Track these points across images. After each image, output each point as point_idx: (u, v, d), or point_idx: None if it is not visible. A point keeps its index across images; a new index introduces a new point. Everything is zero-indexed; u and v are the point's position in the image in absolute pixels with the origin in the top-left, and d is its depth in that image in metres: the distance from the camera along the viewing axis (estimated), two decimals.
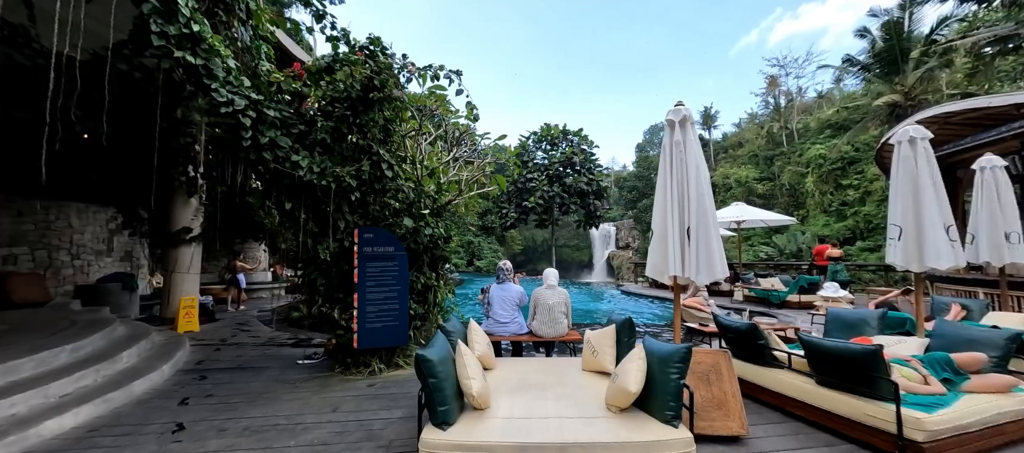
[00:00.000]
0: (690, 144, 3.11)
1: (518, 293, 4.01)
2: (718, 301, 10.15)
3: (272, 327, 7.06)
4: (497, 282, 4.08)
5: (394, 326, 4.29)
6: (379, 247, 4.29)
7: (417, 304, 4.61)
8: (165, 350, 4.73)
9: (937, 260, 3.53)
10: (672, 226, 3.04)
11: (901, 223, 3.78)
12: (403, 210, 4.37)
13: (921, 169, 3.72)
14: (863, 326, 3.83)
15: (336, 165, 3.74)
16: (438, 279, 4.91)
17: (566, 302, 3.86)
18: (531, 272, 30.47)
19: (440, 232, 4.50)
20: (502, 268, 4.09)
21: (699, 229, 2.98)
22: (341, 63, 3.45)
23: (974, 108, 6.85)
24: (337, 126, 3.65)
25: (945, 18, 15.76)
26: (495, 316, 3.95)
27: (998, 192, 4.86)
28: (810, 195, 25.81)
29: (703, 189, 3.04)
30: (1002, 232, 4.78)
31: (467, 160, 5.82)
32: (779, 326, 4.41)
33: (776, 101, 37.81)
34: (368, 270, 4.24)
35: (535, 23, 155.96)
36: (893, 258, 3.81)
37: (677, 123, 3.16)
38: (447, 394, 2.26)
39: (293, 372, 4.30)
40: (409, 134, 4.74)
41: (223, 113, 2.93)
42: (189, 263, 6.92)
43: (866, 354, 2.58)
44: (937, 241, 3.54)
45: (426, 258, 4.71)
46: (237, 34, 3.68)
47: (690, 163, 3.08)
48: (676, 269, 2.97)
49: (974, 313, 4.97)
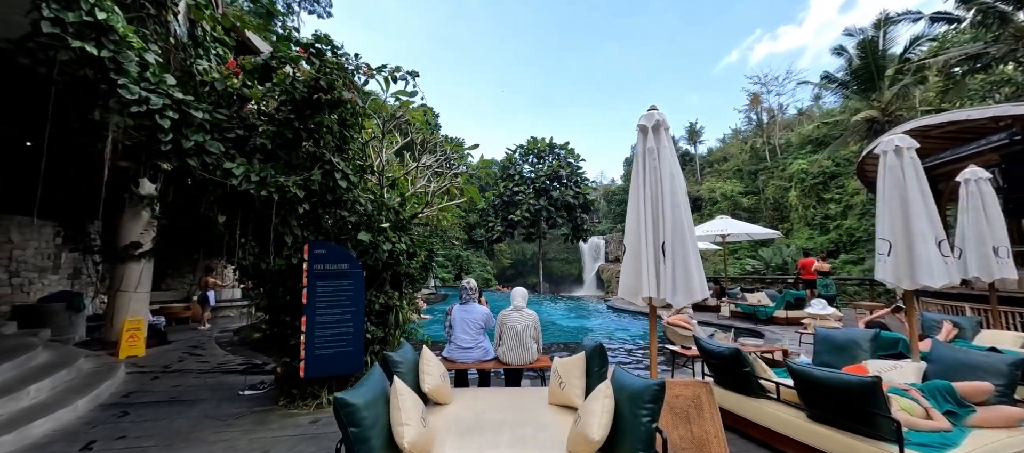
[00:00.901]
0: (664, 151, 2.84)
1: (483, 315, 3.63)
2: (704, 318, 9.89)
3: (228, 350, 6.52)
4: (460, 302, 3.71)
5: (347, 352, 3.87)
6: (332, 264, 3.90)
7: (376, 326, 4.20)
8: (89, 381, 4.20)
9: (930, 277, 3.28)
10: (645, 242, 2.73)
11: (890, 238, 3.55)
12: (360, 224, 3.99)
13: (909, 180, 3.51)
14: (854, 348, 3.55)
15: (280, 173, 3.37)
16: (401, 299, 4.52)
17: (536, 325, 3.49)
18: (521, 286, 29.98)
19: (401, 248, 4.12)
20: (465, 287, 3.72)
21: (675, 245, 2.68)
22: (279, 60, 3.12)
23: (952, 121, 6.82)
24: (280, 131, 3.29)
25: (918, 37, 16.26)
26: (457, 341, 3.56)
27: (984, 205, 4.71)
28: (794, 209, 26.19)
29: (679, 200, 2.75)
30: (990, 246, 4.61)
31: (437, 170, 5.50)
32: (766, 348, 4.12)
33: (759, 117, 38.67)
34: (319, 290, 3.83)
35: (524, 39, 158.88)
36: (883, 275, 3.56)
37: (650, 129, 2.89)
38: (374, 444, 1.87)
39: (231, 405, 3.83)
40: (370, 141, 4.41)
41: (135, 113, 2.56)
42: (137, 281, 6.37)
43: (863, 387, 2.28)
44: (929, 256, 3.30)
45: (387, 276, 4.32)
46: (172, 29, 3.33)
47: (664, 172, 2.79)
48: (650, 290, 2.65)
49: (966, 331, 4.76)
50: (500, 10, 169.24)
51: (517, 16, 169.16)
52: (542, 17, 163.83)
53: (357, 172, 4.23)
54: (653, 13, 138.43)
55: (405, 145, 4.92)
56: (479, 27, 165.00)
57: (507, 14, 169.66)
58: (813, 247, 19.40)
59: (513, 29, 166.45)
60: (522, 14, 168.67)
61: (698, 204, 34.50)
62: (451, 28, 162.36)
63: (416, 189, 5.00)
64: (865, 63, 17.38)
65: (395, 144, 4.92)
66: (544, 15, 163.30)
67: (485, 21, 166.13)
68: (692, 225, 2.85)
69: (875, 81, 17.48)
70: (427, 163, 5.09)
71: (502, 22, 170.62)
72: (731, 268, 26.63)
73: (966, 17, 13.90)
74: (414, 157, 4.91)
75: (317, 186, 3.64)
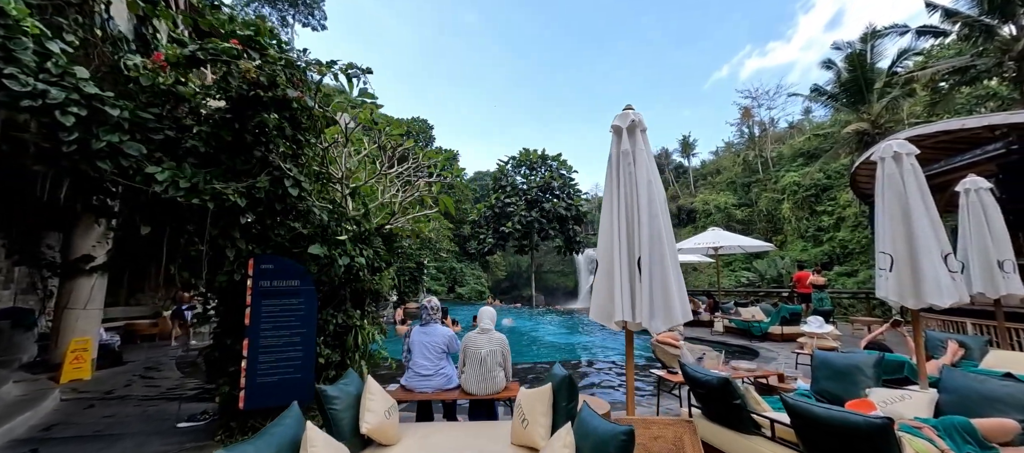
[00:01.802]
0: (640, 155, 2.53)
1: (445, 337, 3.25)
2: (697, 333, 9.52)
3: (186, 372, 6.04)
4: (420, 323, 3.33)
5: (294, 379, 3.46)
6: (281, 281, 3.52)
7: (331, 349, 3.80)
8: (8, 411, 3.74)
9: (938, 295, 2.97)
10: (619, 257, 2.40)
11: (891, 251, 3.24)
12: (315, 236, 3.63)
13: (910, 188, 3.22)
14: (856, 375, 3.21)
15: (218, 179, 3.01)
16: (363, 318, 4.13)
17: (504, 350, 3.12)
18: (516, 299, 29.34)
19: (362, 262, 3.76)
20: (426, 305, 3.34)
21: (652, 260, 2.34)
22: (208, 52, 2.79)
23: (946, 130, 6.63)
24: (216, 132, 2.95)
25: (905, 51, 16.37)
26: (415, 367, 3.17)
27: (986, 216, 4.44)
28: (787, 221, 26.17)
29: (657, 210, 2.43)
30: (995, 259, 4.33)
31: (408, 179, 5.16)
32: (760, 372, 3.76)
33: (750, 130, 39.01)
34: (265, 309, 3.45)
35: (519, 55, 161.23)
36: (885, 292, 3.23)
37: (624, 130, 2.59)
38: None
39: (160, 441, 3.39)
40: (331, 145, 4.07)
41: (28, 107, 2.21)
42: (87, 297, 5.92)
43: (871, 429, 1.93)
44: (936, 272, 2.99)
45: (346, 293, 3.94)
46: (100, 21, 3.01)
47: (640, 178, 2.47)
48: (624, 312, 2.30)
49: (973, 352, 4.44)
50: (497, 28, 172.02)
51: (513, 34, 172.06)
52: (536, 34, 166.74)
53: (314, 179, 3.89)
54: (644, 30, 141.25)
55: (373, 152, 4.59)
56: (475, 43, 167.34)
57: (503, 32, 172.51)
58: (807, 259, 19.21)
59: (509, 46, 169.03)
60: (517, 32, 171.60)
61: (692, 216, 34.44)
62: (447, 44, 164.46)
63: (385, 199, 4.65)
64: (853, 76, 17.46)
65: (362, 150, 4.59)
66: (538, 33, 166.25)
67: (481, 37, 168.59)
68: (672, 238, 2.52)
69: (864, 94, 17.55)
70: (397, 171, 4.75)
71: (498, 39, 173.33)
72: (726, 280, 26.44)
73: (952, 31, 14.00)
74: (384, 164, 4.57)
75: (263, 194, 3.28)
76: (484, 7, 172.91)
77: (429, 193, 5.12)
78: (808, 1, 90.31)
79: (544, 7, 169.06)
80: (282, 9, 37.61)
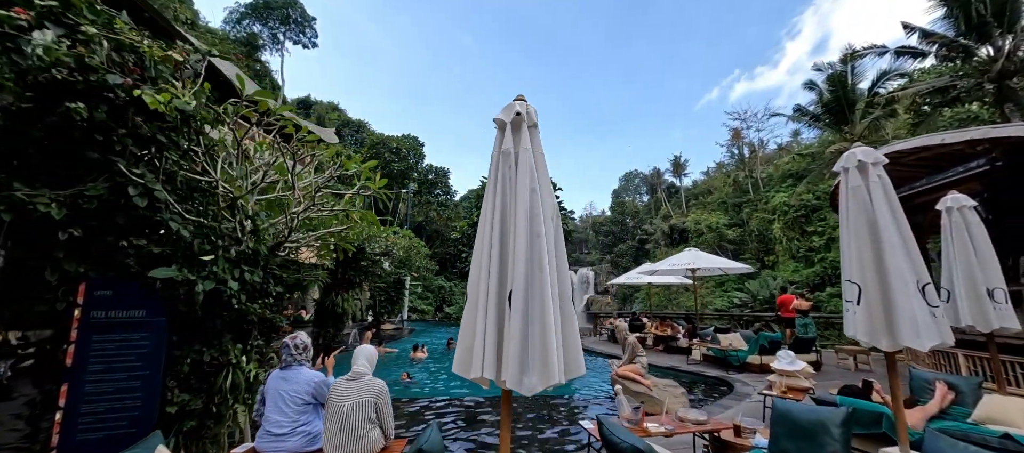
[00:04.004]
0: (525, 157, 1.96)
1: (310, 384, 2.60)
2: (673, 362, 8.84)
3: None
4: (280, 366, 2.67)
5: (127, 435, 2.77)
6: (121, 311, 2.87)
7: (192, 394, 3.12)
8: None
9: (915, 335, 2.39)
10: (485, 289, 1.80)
11: (859, 280, 2.68)
12: (174, 256, 3.01)
13: (878, 203, 2.68)
14: (821, 435, 2.58)
15: (21, 183, 2.41)
16: (245, 353, 3.46)
17: (379, 400, 2.46)
18: None
19: (233, 287, 3.12)
20: (288, 344, 2.67)
21: (530, 295, 1.74)
22: None
23: (926, 146, 6.20)
24: (13, 127, 2.37)
25: (885, 72, 16.34)
26: (267, 423, 2.50)
27: (971, 238, 3.92)
28: (778, 241, 25.86)
29: (541, 227, 1.85)
30: (983, 287, 3.78)
31: (335, 191, 4.58)
32: (710, 426, 3.11)
33: (740, 151, 39.21)
34: (95, 347, 2.79)
35: (513, 75, 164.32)
36: (853, 329, 2.66)
37: (509, 124, 2.03)
38: None
39: None
40: (212, 147, 3.50)
41: None
42: None
43: None
44: (912, 307, 2.42)
45: (218, 323, 3.28)
46: None
47: (521, 185, 1.90)
48: (485, 366, 1.69)
49: (965, 395, 3.84)
50: (492, 51, 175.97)
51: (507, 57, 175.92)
52: (529, 58, 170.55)
53: (184, 189, 3.29)
54: (636, 54, 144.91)
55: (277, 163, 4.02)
56: (469, 63, 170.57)
57: (498, 55, 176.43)
58: (799, 279, 18.67)
59: (504, 64, 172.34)
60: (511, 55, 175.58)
61: (685, 235, 34.01)
62: (443, 65, 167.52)
63: (294, 212, 4.05)
64: (835, 96, 17.40)
65: (265, 156, 4.02)
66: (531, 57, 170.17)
67: (475, 58, 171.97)
68: (565, 264, 1.94)
69: (846, 114, 17.45)
70: (308, 182, 4.17)
71: (493, 58, 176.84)
72: (718, 301, 25.77)
73: (930, 52, 13.95)
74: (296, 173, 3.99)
75: (94, 204, 2.68)
76: (479, 32, 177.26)
77: (350, 208, 4.52)
78: (794, 27, 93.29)
79: (538, 32, 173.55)
80: (273, 27, 37.82)
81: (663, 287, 29.70)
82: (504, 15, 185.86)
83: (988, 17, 11.80)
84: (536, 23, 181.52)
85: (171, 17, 28.59)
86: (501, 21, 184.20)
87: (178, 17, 29.65)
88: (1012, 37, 12.03)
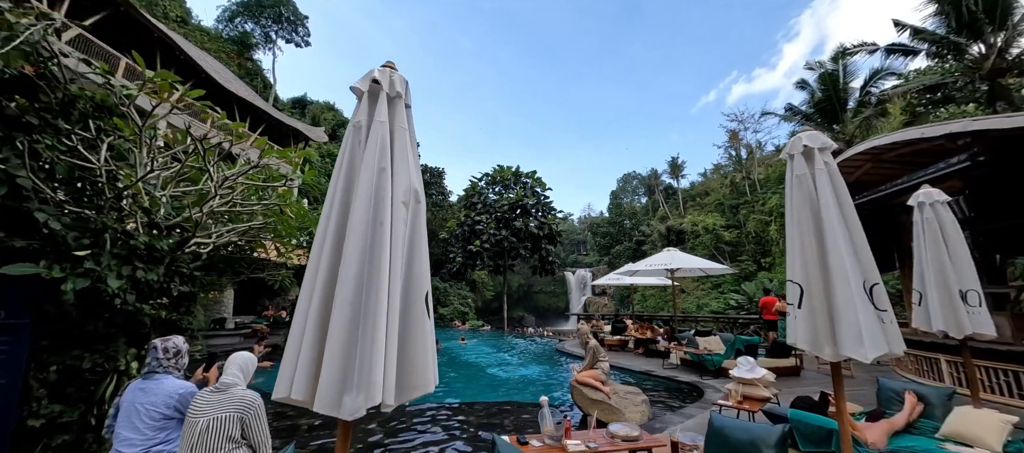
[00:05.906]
0: (378, 130, 1.64)
1: (173, 396, 2.28)
2: (649, 366, 8.52)
3: None
4: (143, 376, 2.35)
5: None
6: None
7: (64, 405, 2.79)
8: None
9: (856, 343, 2.09)
10: (309, 288, 1.49)
11: (802, 281, 2.37)
12: (38, 250, 2.69)
13: (824, 195, 2.37)
14: None
15: None
16: (139, 358, 3.14)
17: (249, 416, 2.14)
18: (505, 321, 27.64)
19: (114, 285, 2.80)
20: (156, 346, 2.34)
21: (365, 294, 1.42)
22: None
23: (905, 140, 5.90)
24: None
25: (877, 71, 16.06)
26: (118, 442, 2.19)
27: (944, 236, 3.61)
28: (775, 242, 25.62)
29: (386, 215, 1.53)
30: (957, 290, 3.47)
31: (256, 184, 4.25)
32: (644, 442, 2.78)
33: (737, 153, 38.96)
34: None
35: (511, 78, 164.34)
36: (794, 336, 2.35)
37: (366, 94, 1.72)
38: None
39: None
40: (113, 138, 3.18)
41: None
42: None
43: None
44: (855, 311, 2.11)
45: (100, 325, 2.96)
46: None
47: (368, 164, 1.58)
48: (301, 381, 1.37)
49: (934, 408, 3.53)
50: (489, 53, 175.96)
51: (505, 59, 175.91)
52: (527, 59, 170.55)
53: (60, 177, 2.97)
54: (633, 57, 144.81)
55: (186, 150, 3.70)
56: (467, 66, 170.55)
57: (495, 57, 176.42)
58: None
59: (501, 70, 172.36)
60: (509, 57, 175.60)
61: (682, 237, 33.66)
62: (440, 66, 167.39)
63: (210, 207, 3.73)
64: (826, 95, 17.12)
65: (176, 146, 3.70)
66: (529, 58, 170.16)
67: (472, 59, 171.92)
68: (422, 260, 1.63)
69: (838, 113, 17.16)
70: (230, 173, 3.85)
71: (490, 62, 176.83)
72: (715, 302, 25.44)
73: (921, 49, 13.67)
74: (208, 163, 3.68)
75: None
76: (477, 34, 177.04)
77: (283, 203, 4.20)
78: (791, 30, 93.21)
79: (536, 34, 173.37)
80: (265, 25, 37.49)
81: (658, 289, 29.36)
82: (501, 17, 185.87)
83: (979, 14, 11.52)
84: (534, 26, 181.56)
85: (160, 13, 28.21)
86: (498, 23, 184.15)
87: (168, 14, 29.30)
88: (1004, 34, 11.75)
